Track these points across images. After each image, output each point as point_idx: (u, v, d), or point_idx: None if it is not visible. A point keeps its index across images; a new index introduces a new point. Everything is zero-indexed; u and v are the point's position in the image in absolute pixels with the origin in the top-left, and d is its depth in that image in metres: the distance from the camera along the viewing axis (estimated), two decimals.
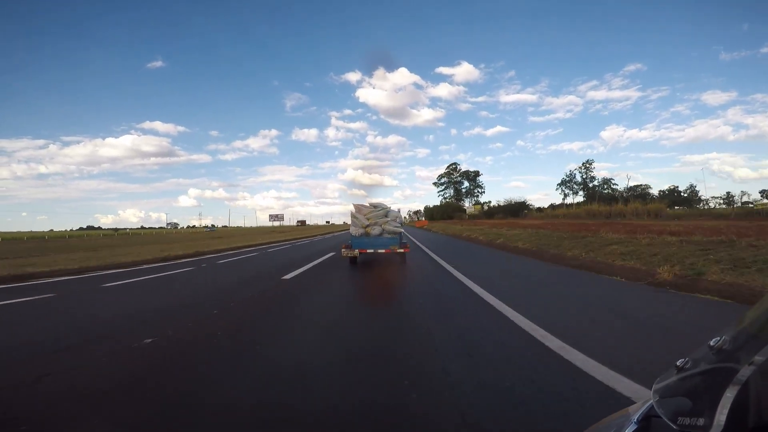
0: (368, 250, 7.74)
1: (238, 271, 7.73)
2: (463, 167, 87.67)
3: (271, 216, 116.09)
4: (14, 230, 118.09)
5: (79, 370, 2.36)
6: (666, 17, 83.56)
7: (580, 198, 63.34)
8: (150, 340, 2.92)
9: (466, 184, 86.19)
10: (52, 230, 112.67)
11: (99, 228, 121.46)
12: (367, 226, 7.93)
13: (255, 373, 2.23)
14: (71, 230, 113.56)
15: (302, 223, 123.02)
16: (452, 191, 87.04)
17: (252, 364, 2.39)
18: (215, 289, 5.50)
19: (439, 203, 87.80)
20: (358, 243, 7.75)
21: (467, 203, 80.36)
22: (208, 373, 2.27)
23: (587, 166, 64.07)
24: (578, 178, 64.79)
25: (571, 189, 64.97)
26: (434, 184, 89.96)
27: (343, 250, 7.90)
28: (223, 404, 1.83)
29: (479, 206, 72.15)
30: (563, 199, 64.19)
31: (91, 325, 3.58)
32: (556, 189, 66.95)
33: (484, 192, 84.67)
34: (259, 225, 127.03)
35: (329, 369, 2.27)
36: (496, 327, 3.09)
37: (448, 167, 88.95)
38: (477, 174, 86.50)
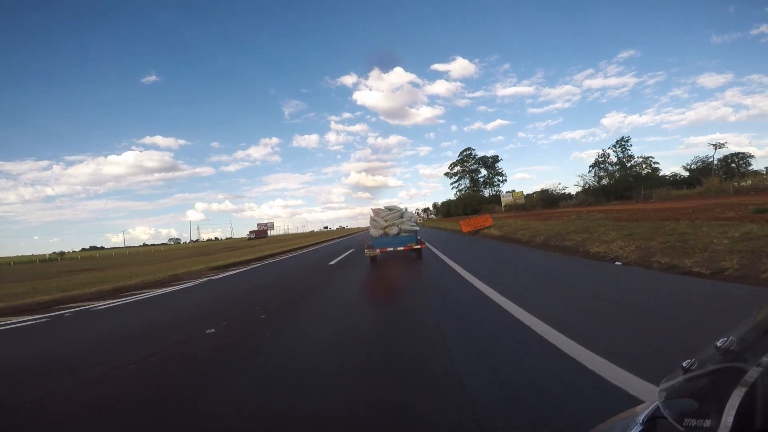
0: (388, 249, 8.35)
1: None
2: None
3: (256, 227, 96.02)
4: (21, 254, 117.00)
5: None
6: (654, 2, 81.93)
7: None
8: None
9: (483, 172, 75.23)
10: (54, 252, 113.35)
11: (101, 248, 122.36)
12: (386, 227, 8.65)
13: None
14: (73, 251, 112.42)
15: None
16: (468, 181, 76.28)
17: None
18: None
19: (453, 197, 76.36)
20: (379, 243, 8.43)
21: (486, 194, 71.01)
22: None
23: (623, 144, 54.74)
24: (613, 158, 55.42)
25: (605, 171, 55.67)
26: (446, 174, 78.80)
27: (365, 250, 8.52)
28: None
29: (519, 193, 58.82)
30: (598, 182, 54.62)
31: None
32: (589, 171, 56.86)
33: (505, 180, 73.58)
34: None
35: None
36: None
37: (461, 154, 77.04)
38: (496, 159, 74.26)
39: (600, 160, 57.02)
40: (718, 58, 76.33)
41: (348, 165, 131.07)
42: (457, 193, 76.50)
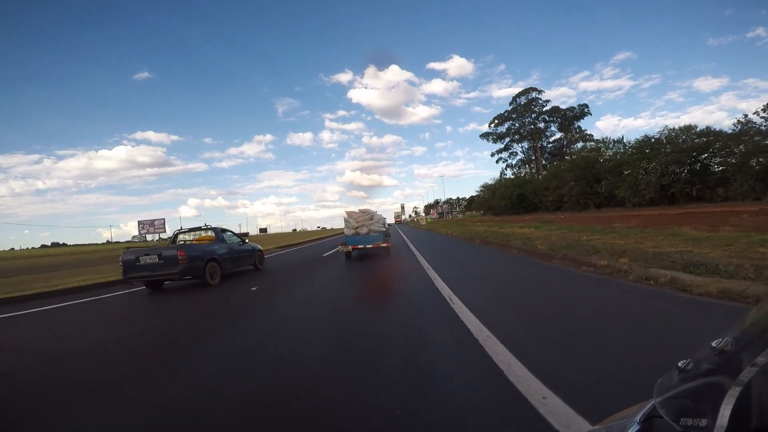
0: (359, 246, 9.20)
1: None
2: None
3: (140, 223, 49.53)
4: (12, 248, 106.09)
5: None
6: (650, 4, 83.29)
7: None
8: None
9: (557, 134, 41.27)
10: (12, 249, 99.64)
11: (63, 244, 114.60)
12: (357, 227, 9.48)
13: None
14: (33, 248, 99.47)
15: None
16: (526, 148, 42.13)
17: None
18: None
19: (500, 175, 42.77)
20: (351, 240, 9.28)
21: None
22: None
23: None
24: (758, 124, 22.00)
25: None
26: (483, 136, 44.54)
27: (339, 246, 9.43)
28: None
29: None
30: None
31: None
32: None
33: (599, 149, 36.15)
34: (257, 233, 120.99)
35: None
36: None
37: (514, 101, 41.78)
38: (581, 113, 39.70)
39: (744, 126, 23.67)
40: (714, 62, 76.27)
41: (343, 164, 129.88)
42: (506, 170, 42.93)
